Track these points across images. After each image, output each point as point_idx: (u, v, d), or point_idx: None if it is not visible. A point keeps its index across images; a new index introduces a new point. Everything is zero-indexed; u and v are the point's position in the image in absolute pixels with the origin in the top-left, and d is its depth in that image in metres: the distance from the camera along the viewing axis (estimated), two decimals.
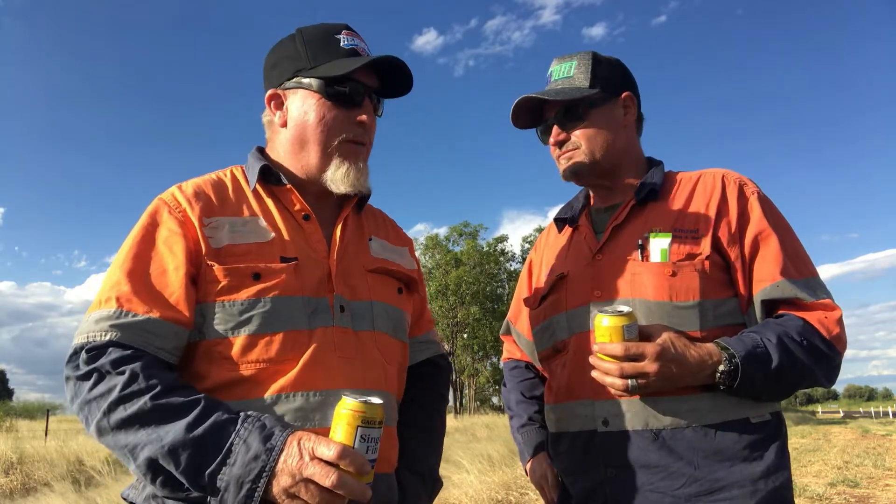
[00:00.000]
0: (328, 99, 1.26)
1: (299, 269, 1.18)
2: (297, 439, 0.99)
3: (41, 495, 7.73)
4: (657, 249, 1.39)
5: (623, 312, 1.25)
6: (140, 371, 1.03)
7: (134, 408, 1.01)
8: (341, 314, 1.20)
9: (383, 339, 1.27)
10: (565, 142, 1.54)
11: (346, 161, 1.27)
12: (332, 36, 1.28)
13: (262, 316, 1.13)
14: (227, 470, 0.97)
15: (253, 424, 1.01)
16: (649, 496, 1.31)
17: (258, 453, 0.97)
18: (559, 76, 1.57)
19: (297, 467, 0.96)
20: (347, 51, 1.27)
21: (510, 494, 7.22)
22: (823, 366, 1.31)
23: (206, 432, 0.99)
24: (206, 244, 1.16)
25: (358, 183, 1.27)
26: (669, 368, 1.24)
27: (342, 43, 1.27)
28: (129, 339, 1.07)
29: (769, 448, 1.31)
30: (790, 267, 1.36)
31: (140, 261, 1.15)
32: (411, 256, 1.48)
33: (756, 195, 1.44)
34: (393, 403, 1.29)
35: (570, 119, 1.53)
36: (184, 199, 1.22)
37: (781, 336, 1.27)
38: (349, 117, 1.27)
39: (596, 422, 1.39)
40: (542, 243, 1.78)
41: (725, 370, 1.25)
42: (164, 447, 0.98)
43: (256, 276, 1.15)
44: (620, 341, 1.24)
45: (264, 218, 1.24)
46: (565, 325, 1.51)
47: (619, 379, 1.25)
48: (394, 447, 1.28)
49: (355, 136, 1.28)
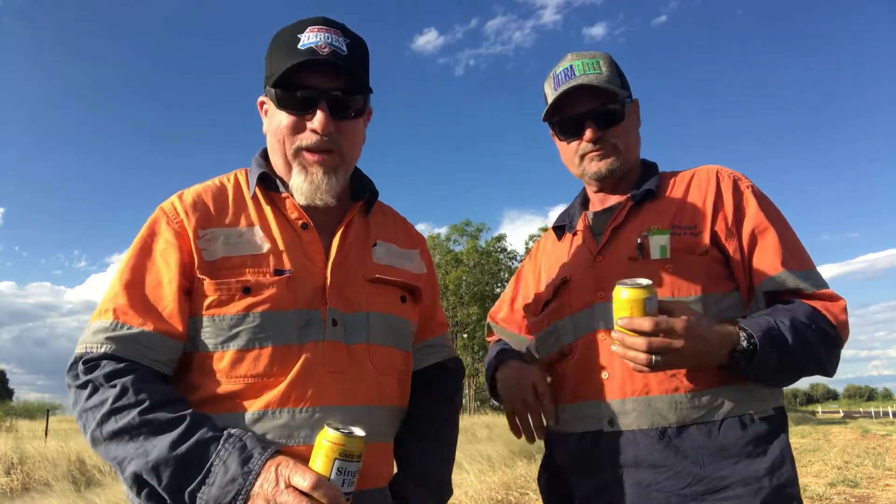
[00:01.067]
0: (280, 107, 1.22)
1: (293, 281, 1.17)
2: (276, 465, 1.01)
3: (41, 495, 7.72)
4: (657, 247, 1.40)
5: (642, 285, 1.21)
6: (130, 385, 1.06)
7: (123, 421, 1.04)
8: (333, 328, 1.19)
9: (379, 352, 1.25)
10: (603, 138, 1.51)
11: (302, 171, 1.22)
12: (294, 35, 1.20)
13: (250, 331, 1.13)
14: (207, 490, 0.99)
15: (234, 445, 1.03)
16: (655, 496, 1.31)
17: (235, 476, 0.99)
18: (586, 71, 1.51)
19: (273, 493, 0.98)
20: (303, 51, 1.17)
21: (510, 494, 7.22)
22: (830, 351, 1.32)
23: (189, 450, 1.01)
24: (199, 257, 1.17)
25: (313, 195, 1.22)
26: (696, 345, 1.21)
27: (301, 43, 1.18)
28: (123, 352, 1.10)
29: (773, 443, 1.31)
30: (790, 259, 1.36)
31: (137, 272, 1.17)
32: (421, 259, 1.45)
33: (750, 189, 1.45)
34: (390, 417, 1.27)
35: (609, 117, 1.50)
36: (182, 210, 1.22)
37: (793, 319, 1.27)
38: (303, 124, 1.21)
39: (602, 422, 1.39)
40: (540, 251, 1.77)
41: (744, 349, 1.24)
42: (148, 463, 1.01)
43: (247, 291, 1.15)
44: (642, 314, 1.20)
45: (262, 227, 1.23)
46: (570, 328, 1.50)
47: (644, 353, 1.21)
48: (388, 463, 1.27)
49: (308, 144, 1.21)
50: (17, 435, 15.26)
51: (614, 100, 1.50)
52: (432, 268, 1.50)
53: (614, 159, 1.51)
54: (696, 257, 1.38)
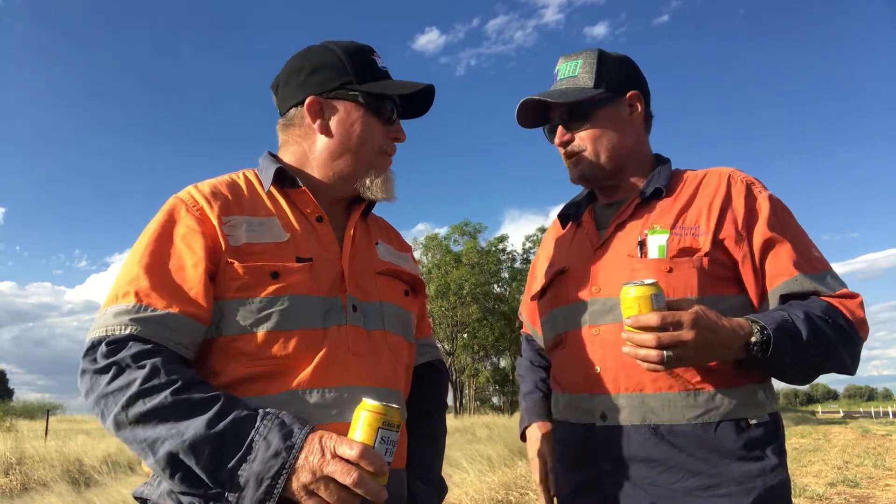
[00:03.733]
0: (373, 114, 1.34)
1: (314, 269, 1.21)
2: (319, 437, 1.01)
3: (40, 495, 7.72)
4: (655, 246, 1.40)
5: (648, 283, 1.22)
6: (161, 366, 1.04)
7: (154, 402, 1.01)
8: (354, 313, 1.22)
9: (393, 339, 1.30)
10: (570, 142, 1.54)
11: (383, 172, 1.37)
12: (368, 56, 1.37)
13: (280, 313, 1.15)
14: (248, 466, 0.98)
15: (272, 421, 1.02)
16: (648, 489, 1.31)
17: (278, 450, 0.98)
18: (564, 75, 1.56)
19: (318, 464, 0.97)
20: (384, 72, 1.38)
21: (510, 494, 7.21)
22: (849, 347, 1.31)
23: (226, 428, 1.00)
24: (225, 242, 1.18)
25: (391, 192, 1.37)
26: (706, 337, 1.20)
27: (379, 64, 1.38)
28: (148, 334, 1.07)
29: (766, 449, 1.31)
30: (804, 263, 1.36)
31: (158, 257, 1.16)
32: (413, 262, 1.53)
33: (764, 194, 1.44)
34: (403, 401, 1.31)
35: (575, 120, 1.52)
36: (201, 198, 1.23)
37: (808, 313, 1.27)
38: (387, 132, 1.37)
39: (594, 415, 1.39)
40: (547, 238, 1.80)
41: (758, 341, 1.23)
42: (185, 442, 0.99)
43: (274, 275, 1.17)
44: (650, 311, 1.20)
45: (279, 218, 1.26)
46: (563, 319, 1.52)
47: (655, 350, 1.19)
48: (404, 444, 1.30)
49: (389, 149, 1.38)
50: (16, 435, 15.24)
51: (579, 103, 1.50)
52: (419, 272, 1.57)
53: (585, 165, 1.53)
54: (695, 259, 1.36)
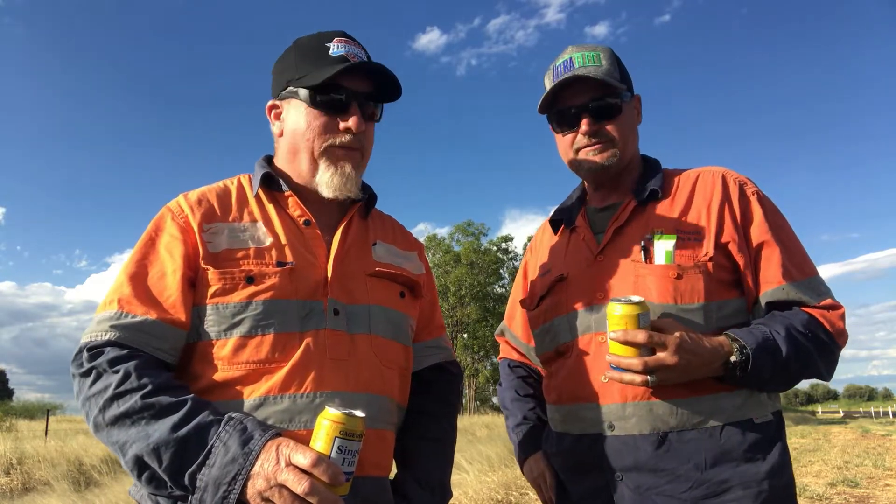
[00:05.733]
0: (314, 107, 1.29)
1: (294, 273, 1.21)
2: (276, 445, 1.02)
3: (41, 495, 7.72)
4: (661, 251, 1.38)
5: (635, 301, 1.24)
6: (133, 370, 1.08)
7: (125, 405, 1.05)
8: (335, 317, 1.22)
9: (381, 343, 1.28)
10: (596, 133, 1.49)
11: (332, 166, 1.30)
12: (322, 44, 1.30)
13: (253, 318, 1.16)
14: (207, 471, 1.00)
15: (234, 427, 1.04)
16: (656, 499, 1.31)
17: (236, 456, 1.00)
18: (585, 63, 1.49)
19: (273, 472, 0.98)
20: (336, 58, 1.28)
21: (510, 494, 7.21)
22: (826, 358, 1.33)
23: (189, 433, 1.02)
24: (203, 249, 1.21)
25: (343, 187, 1.29)
26: (689, 360, 1.24)
27: (331, 51, 1.29)
28: (126, 339, 1.12)
29: (772, 448, 1.32)
30: (792, 269, 1.37)
31: (142, 265, 1.21)
32: (420, 261, 1.49)
33: (756, 195, 1.44)
34: (390, 407, 1.29)
35: (606, 111, 1.48)
36: (187, 206, 1.27)
37: (789, 328, 1.28)
38: (336, 124, 1.29)
39: (601, 426, 1.38)
40: (537, 244, 1.76)
41: (737, 361, 1.26)
42: (149, 445, 1.02)
43: (250, 280, 1.18)
44: (636, 330, 1.23)
45: (265, 223, 1.27)
46: (567, 327, 1.49)
47: (640, 375, 1.23)
48: (388, 451, 1.28)
49: (342, 142, 1.30)
50: (16, 435, 15.25)
51: (613, 93, 1.48)
52: (430, 271, 1.54)
53: (611, 154, 1.49)
54: (701, 264, 1.37)
